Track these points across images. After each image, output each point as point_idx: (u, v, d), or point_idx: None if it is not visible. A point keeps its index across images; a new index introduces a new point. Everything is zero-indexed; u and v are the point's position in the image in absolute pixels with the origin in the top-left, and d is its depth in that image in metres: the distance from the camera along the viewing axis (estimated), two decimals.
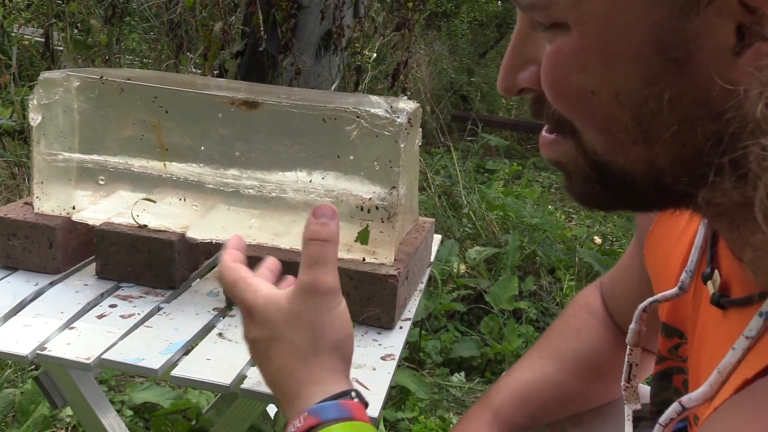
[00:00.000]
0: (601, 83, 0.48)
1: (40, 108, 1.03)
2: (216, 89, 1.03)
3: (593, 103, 0.49)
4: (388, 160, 0.96)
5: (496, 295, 2.50)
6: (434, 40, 6.50)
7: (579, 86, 0.49)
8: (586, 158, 0.53)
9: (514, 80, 0.55)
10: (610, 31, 0.47)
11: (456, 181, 3.48)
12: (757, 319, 0.51)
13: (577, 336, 0.91)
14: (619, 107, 0.48)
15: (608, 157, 0.51)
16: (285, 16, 3.21)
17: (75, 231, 1.06)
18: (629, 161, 0.50)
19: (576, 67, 0.49)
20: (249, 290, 0.69)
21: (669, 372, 0.75)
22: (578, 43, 0.48)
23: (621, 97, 0.48)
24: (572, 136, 0.53)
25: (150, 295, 1.00)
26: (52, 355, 0.84)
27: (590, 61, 0.48)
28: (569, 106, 0.51)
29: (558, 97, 0.51)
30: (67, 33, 3.27)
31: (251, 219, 1.03)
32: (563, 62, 0.50)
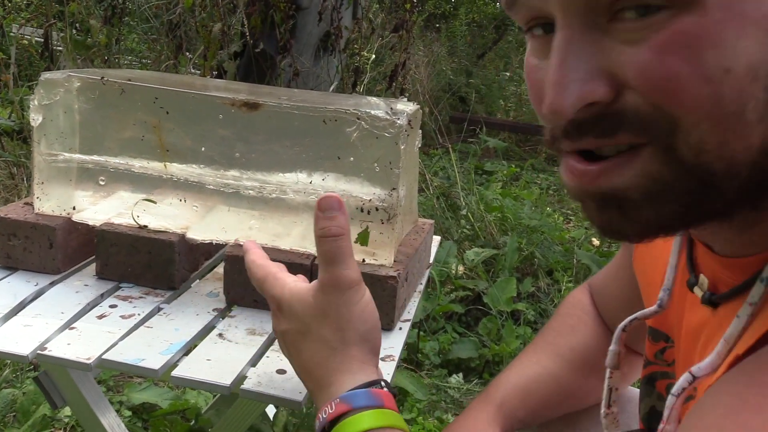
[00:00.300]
0: (737, 57, 0.44)
1: (41, 108, 1.04)
2: (217, 90, 1.04)
3: (726, 83, 0.44)
4: (388, 161, 0.96)
5: (494, 296, 2.51)
6: (433, 41, 6.50)
7: (712, 66, 0.44)
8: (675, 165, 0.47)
9: (578, 95, 0.47)
10: None
11: (454, 182, 3.48)
12: (759, 285, 0.52)
13: (573, 332, 0.92)
14: (753, 82, 0.44)
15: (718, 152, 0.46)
16: (283, 17, 3.21)
17: (75, 231, 1.06)
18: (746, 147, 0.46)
19: (711, 43, 0.44)
20: (277, 285, 0.72)
21: (653, 377, 0.75)
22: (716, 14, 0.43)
23: (756, 69, 0.44)
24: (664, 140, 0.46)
25: (150, 296, 1.00)
26: (53, 355, 0.85)
27: (728, 34, 0.44)
28: (688, 96, 0.44)
29: (673, 91, 0.45)
30: (66, 33, 3.27)
31: (251, 220, 1.03)
32: (694, 44, 0.44)
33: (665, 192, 0.47)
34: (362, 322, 0.68)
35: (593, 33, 0.46)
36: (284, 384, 0.81)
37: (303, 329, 0.69)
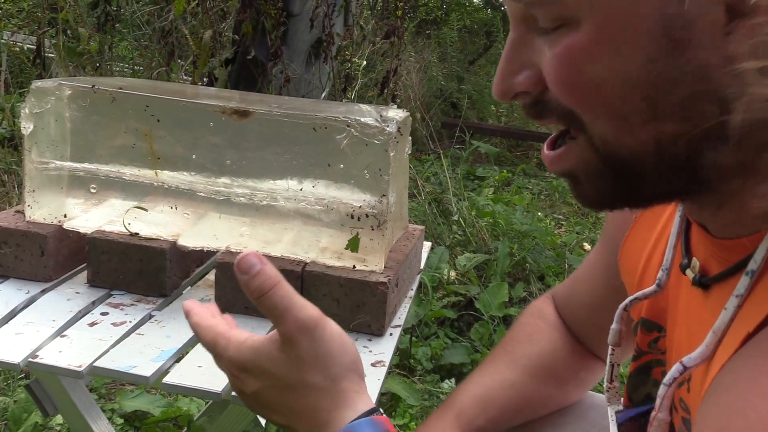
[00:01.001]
0: (613, 70, 0.51)
1: (32, 116, 1.04)
2: (207, 98, 1.04)
3: (606, 91, 0.52)
4: (377, 168, 0.97)
5: (486, 301, 2.51)
6: (424, 47, 6.52)
7: (593, 77, 0.52)
8: (596, 152, 0.55)
9: (510, 85, 0.57)
10: (620, 16, 0.50)
11: (446, 188, 3.49)
12: (745, 278, 0.54)
13: (530, 339, 0.93)
14: (630, 90, 0.51)
15: (618, 143, 0.54)
16: (274, 24, 3.22)
17: (66, 239, 1.06)
18: (638, 143, 0.53)
19: (589, 60, 0.52)
20: (231, 346, 0.67)
21: (648, 366, 0.77)
22: (590, 35, 0.51)
23: (632, 80, 0.51)
24: (581, 132, 0.55)
25: (141, 303, 1.01)
26: (44, 362, 0.85)
27: (603, 51, 0.51)
28: (581, 99, 0.53)
29: (571, 94, 0.54)
30: (59, 40, 3.28)
31: (242, 227, 1.04)
32: (576, 57, 0.52)
33: (597, 173, 0.56)
34: (343, 353, 0.66)
35: (530, 36, 0.56)
36: None
37: (281, 383, 0.65)
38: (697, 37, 0.49)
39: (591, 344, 0.93)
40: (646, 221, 0.77)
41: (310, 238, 1.01)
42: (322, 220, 1.00)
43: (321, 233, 1.01)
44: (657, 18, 0.49)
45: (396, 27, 3.83)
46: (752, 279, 0.54)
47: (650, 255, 0.75)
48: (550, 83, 0.54)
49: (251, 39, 3.26)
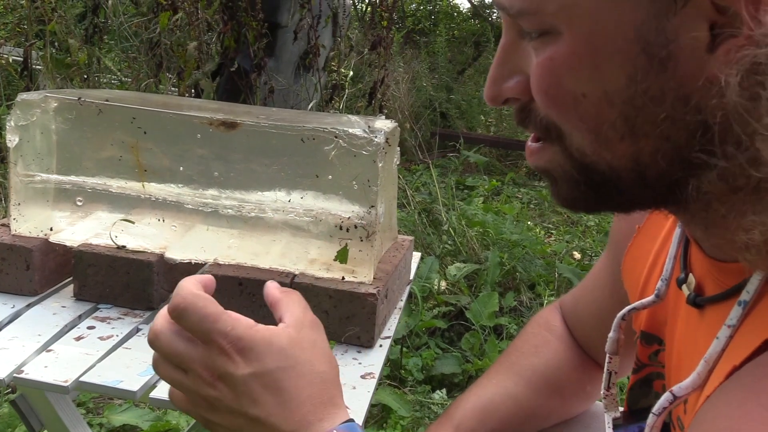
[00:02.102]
0: (591, 85, 0.51)
1: (18, 129, 1.03)
2: (194, 110, 1.04)
3: (584, 105, 0.52)
4: (366, 179, 0.96)
5: (476, 311, 2.51)
6: (413, 58, 6.54)
7: (571, 90, 0.52)
8: (572, 161, 0.55)
9: (501, 90, 0.58)
10: (599, 33, 0.50)
11: (436, 198, 3.49)
12: (737, 309, 0.54)
13: (535, 352, 0.93)
14: (608, 106, 0.51)
15: (596, 157, 0.53)
16: (256, 36, 3.21)
17: (52, 252, 1.05)
18: (616, 158, 0.53)
19: (568, 72, 0.52)
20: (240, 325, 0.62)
21: (649, 378, 0.76)
22: (569, 47, 0.51)
23: (610, 96, 0.51)
24: (559, 141, 0.55)
25: (128, 317, 1.00)
26: (30, 378, 0.84)
27: (581, 65, 0.51)
28: (561, 111, 0.53)
29: (550, 103, 0.54)
30: (46, 52, 3.26)
31: (230, 239, 1.03)
32: (556, 69, 0.52)
33: (571, 179, 0.56)
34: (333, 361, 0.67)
35: (521, 43, 0.56)
36: None
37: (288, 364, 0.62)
38: (678, 55, 0.48)
39: (597, 354, 0.92)
40: (649, 230, 0.76)
41: (298, 249, 1.01)
42: (311, 232, 1.00)
43: (309, 245, 1.00)
44: (636, 35, 0.49)
45: (382, 37, 3.84)
46: (744, 310, 0.53)
47: (653, 265, 0.74)
48: (533, 91, 0.54)
49: (235, 50, 3.26)
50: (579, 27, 0.50)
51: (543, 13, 0.51)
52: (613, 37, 0.49)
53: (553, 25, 0.51)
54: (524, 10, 0.52)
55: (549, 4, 0.51)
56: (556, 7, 0.51)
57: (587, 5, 0.50)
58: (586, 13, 0.50)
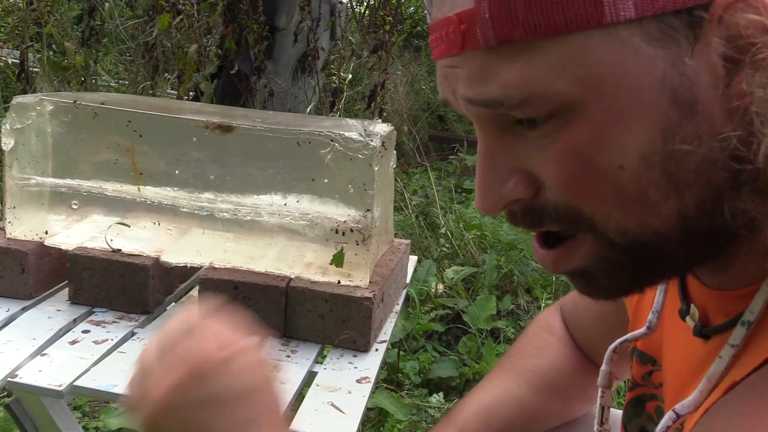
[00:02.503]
0: (627, 152, 0.47)
1: (13, 132, 1.03)
2: (190, 113, 1.03)
3: (623, 177, 0.48)
4: (362, 183, 0.96)
5: (473, 314, 2.51)
6: (411, 61, 6.54)
7: (604, 166, 0.48)
8: (613, 246, 0.51)
9: (500, 196, 0.52)
10: (626, 94, 0.47)
11: (433, 201, 3.49)
12: (740, 329, 0.53)
13: (537, 354, 0.92)
14: (648, 169, 0.48)
15: (641, 229, 0.50)
16: (257, 38, 3.21)
17: (48, 256, 1.05)
18: (663, 221, 0.49)
19: (599, 148, 0.48)
20: None
21: (642, 398, 0.76)
22: (596, 120, 0.47)
23: (649, 157, 0.47)
24: (592, 230, 0.51)
25: (124, 320, 0.99)
26: (24, 382, 0.83)
27: (612, 135, 0.47)
28: (594, 195, 0.49)
29: (579, 191, 0.49)
30: (43, 55, 3.26)
31: (226, 242, 1.03)
32: (582, 150, 0.48)
33: (617, 266, 0.52)
34: None
35: (507, 138, 0.51)
36: None
37: None
38: (703, 96, 0.46)
39: (597, 356, 0.91)
40: None
41: (294, 253, 1.01)
42: (307, 235, 1.00)
43: (305, 248, 1.00)
44: (662, 87, 0.46)
45: (384, 41, 3.84)
46: (748, 330, 0.53)
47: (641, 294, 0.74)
48: (554, 184, 0.50)
49: (235, 53, 3.26)
50: (602, 95, 0.47)
51: (554, 93, 0.47)
52: (640, 95, 0.47)
53: (567, 103, 0.47)
54: (529, 97, 0.48)
55: (561, 81, 0.47)
56: (571, 81, 0.47)
57: (604, 70, 0.47)
58: (605, 78, 0.47)
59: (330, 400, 0.85)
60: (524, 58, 0.48)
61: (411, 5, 8.75)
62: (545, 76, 0.47)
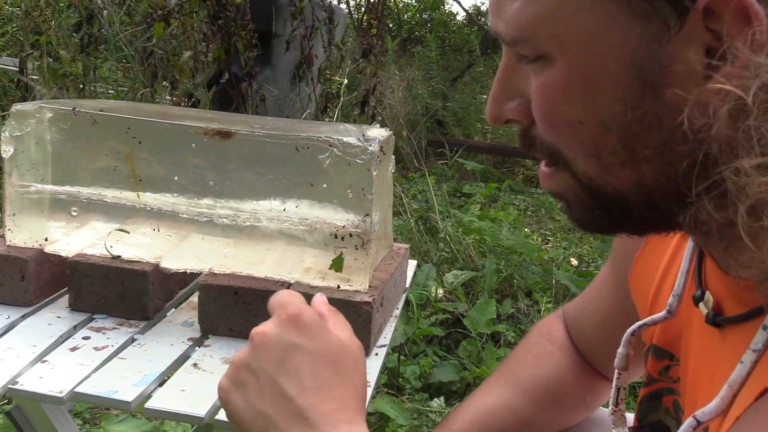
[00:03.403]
0: (587, 111, 0.51)
1: (12, 140, 1.03)
2: (189, 119, 1.04)
3: (582, 132, 0.52)
4: (361, 187, 0.96)
5: (474, 318, 2.51)
6: (408, 65, 6.55)
7: (568, 117, 0.52)
8: (581, 186, 0.55)
9: (502, 111, 0.58)
10: (592, 59, 0.49)
11: (432, 205, 3.49)
12: (762, 332, 0.52)
13: (536, 363, 0.92)
14: (606, 132, 0.51)
15: (601, 181, 0.53)
16: (246, 45, 3.21)
17: (47, 263, 1.05)
18: (620, 182, 0.52)
19: (563, 99, 0.52)
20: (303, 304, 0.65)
21: (659, 393, 0.75)
22: (563, 74, 0.51)
23: (607, 122, 0.50)
24: (566, 166, 0.55)
25: (124, 327, 1.00)
26: (25, 389, 0.84)
27: (575, 92, 0.51)
28: (561, 137, 0.53)
29: (550, 130, 0.54)
30: (42, 62, 3.26)
31: (226, 248, 1.03)
32: (552, 95, 0.52)
33: (584, 203, 0.56)
34: None
35: (519, 65, 0.55)
36: None
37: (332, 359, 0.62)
38: (673, 81, 0.48)
39: (599, 364, 0.91)
40: (658, 242, 0.75)
41: (293, 258, 1.01)
42: (306, 240, 1.00)
43: (305, 253, 1.00)
44: (629, 61, 0.48)
45: (372, 45, 3.84)
46: None
47: (662, 279, 0.73)
48: (534, 116, 0.54)
49: (226, 61, 3.26)
50: (571, 54, 0.50)
51: (536, 40, 0.51)
52: (606, 63, 0.49)
53: (546, 52, 0.51)
54: (518, 38, 0.52)
55: (541, 31, 0.51)
56: (548, 34, 0.51)
57: (579, 32, 0.49)
58: (577, 39, 0.50)
59: None
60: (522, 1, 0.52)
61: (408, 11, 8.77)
62: (532, 24, 0.51)
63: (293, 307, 0.63)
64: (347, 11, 5.33)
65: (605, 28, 0.48)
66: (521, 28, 0.52)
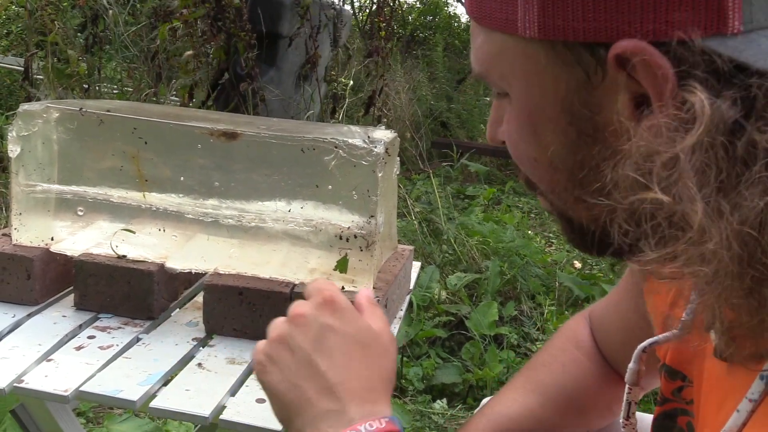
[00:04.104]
0: (539, 150, 0.53)
1: (19, 139, 1.04)
2: (195, 120, 1.04)
3: (538, 169, 0.55)
4: (366, 189, 0.97)
5: (476, 320, 2.51)
6: (413, 67, 6.55)
7: (526, 154, 0.55)
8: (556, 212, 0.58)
9: (495, 133, 0.61)
10: (531, 101, 0.52)
11: (436, 207, 3.49)
12: (759, 383, 0.51)
13: (563, 370, 0.90)
14: (555, 171, 0.53)
15: (561, 210, 0.57)
16: (245, 46, 3.23)
17: (53, 262, 1.05)
18: (579, 216, 0.55)
19: (518, 137, 0.54)
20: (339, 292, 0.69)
21: (673, 413, 0.73)
22: (515, 113, 0.54)
23: (554, 163, 0.53)
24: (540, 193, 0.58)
25: (129, 326, 1.00)
26: (30, 387, 0.84)
27: (526, 131, 0.53)
28: (527, 170, 0.57)
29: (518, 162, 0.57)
30: (47, 62, 3.27)
31: (231, 248, 1.03)
32: (513, 132, 0.55)
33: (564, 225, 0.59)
34: None
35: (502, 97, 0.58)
36: (264, 413, 0.81)
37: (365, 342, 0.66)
38: (605, 127, 0.48)
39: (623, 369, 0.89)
40: None
41: (298, 259, 1.01)
42: (311, 242, 1.00)
43: (309, 254, 1.01)
44: (561, 107, 0.50)
45: (379, 47, 3.85)
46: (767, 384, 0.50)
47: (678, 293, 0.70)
48: None
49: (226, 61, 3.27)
50: (517, 95, 0.53)
51: (492, 78, 0.54)
52: (543, 107, 0.51)
53: (502, 89, 0.54)
54: (481, 73, 0.56)
55: (493, 71, 0.54)
56: (498, 73, 0.53)
57: (519, 75, 0.52)
58: (519, 82, 0.52)
59: None
60: (480, 38, 0.55)
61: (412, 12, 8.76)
62: (486, 62, 0.54)
63: (329, 293, 0.67)
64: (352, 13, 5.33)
65: (539, 72, 0.50)
66: (481, 65, 0.55)
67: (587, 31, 0.47)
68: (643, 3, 0.45)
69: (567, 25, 0.47)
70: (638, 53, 0.45)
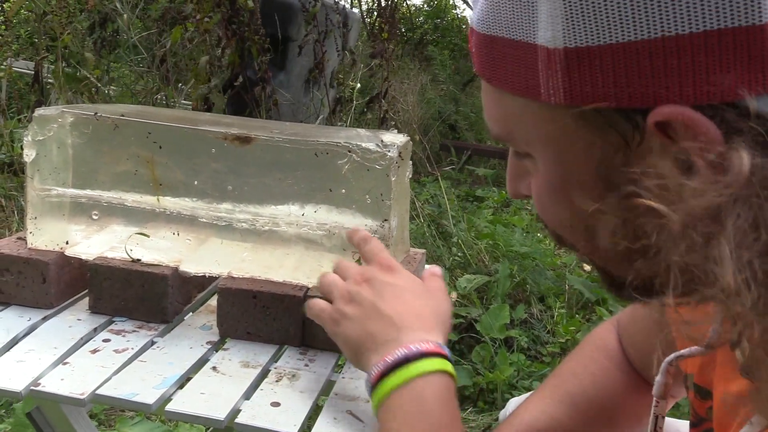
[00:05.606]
0: (573, 217, 0.52)
1: (35, 144, 1.04)
2: (209, 125, 1.05)
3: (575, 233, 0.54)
4: (379, 193, 0.97)
5: (487, 323, 2.51)
6: (421, 70, 6.56)
7: (558, 218, 0.54)
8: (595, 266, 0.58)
9: (517, 188, 0.61)
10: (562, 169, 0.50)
11: (445, 210, 3.49)
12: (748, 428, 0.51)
13: (593, 381, 0.89)
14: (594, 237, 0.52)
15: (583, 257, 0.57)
16: (259, 50, 3.24)
17: (68, 266, 1.06)
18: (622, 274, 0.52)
19: (550, 202, 0.53)
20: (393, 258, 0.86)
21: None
22: (544, 176, 0.52)
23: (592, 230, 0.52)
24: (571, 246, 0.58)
25: (143, 330, 1.00)
26: (46, 390, 0.84)
27: (559, 197, 0.52)
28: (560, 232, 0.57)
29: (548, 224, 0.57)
30: (58, 66, 3.29)
31: (244, 252, 1.04)
32: (542, 196, 0.54)
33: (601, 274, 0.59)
34: None
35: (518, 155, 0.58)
36: (278, 417, 0.81)
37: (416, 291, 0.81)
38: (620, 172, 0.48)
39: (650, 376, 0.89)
40: None
41: (312, 263, 1.01)
42: (324, 245, 1.01)
43: (323, 258, 1.01)
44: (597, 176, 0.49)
45: (382, 49, 3.86)
46: None
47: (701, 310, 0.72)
48: None
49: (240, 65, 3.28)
50: (545, 160, 0.51)
51: (515, 140, 0.53)
52: (576, 173, 0.50)
53: (527, 151, 0.53)
54: (500, 135, 0.54)
55: (516, 134, 0.52)
56: (525, 140, 0.52)
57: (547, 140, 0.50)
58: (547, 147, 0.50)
59: (349, 409, 0.85)
60: (494, 97, 0.53)
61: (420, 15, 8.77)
62: (508, 124, 0.53)
63: (387, 258, 0.85)
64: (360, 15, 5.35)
65: (569, 137, 0.48)
66: (501, 128, 0.54)
67: (620, 97, 0.44)
68: (681, 67, 0.42)
69: (596, 92, 0.45)
70: (681, 119, 0.43)
